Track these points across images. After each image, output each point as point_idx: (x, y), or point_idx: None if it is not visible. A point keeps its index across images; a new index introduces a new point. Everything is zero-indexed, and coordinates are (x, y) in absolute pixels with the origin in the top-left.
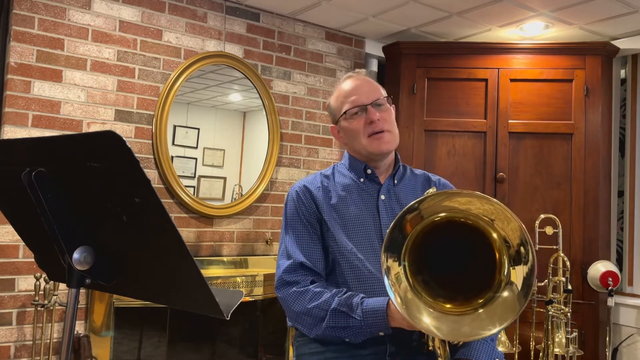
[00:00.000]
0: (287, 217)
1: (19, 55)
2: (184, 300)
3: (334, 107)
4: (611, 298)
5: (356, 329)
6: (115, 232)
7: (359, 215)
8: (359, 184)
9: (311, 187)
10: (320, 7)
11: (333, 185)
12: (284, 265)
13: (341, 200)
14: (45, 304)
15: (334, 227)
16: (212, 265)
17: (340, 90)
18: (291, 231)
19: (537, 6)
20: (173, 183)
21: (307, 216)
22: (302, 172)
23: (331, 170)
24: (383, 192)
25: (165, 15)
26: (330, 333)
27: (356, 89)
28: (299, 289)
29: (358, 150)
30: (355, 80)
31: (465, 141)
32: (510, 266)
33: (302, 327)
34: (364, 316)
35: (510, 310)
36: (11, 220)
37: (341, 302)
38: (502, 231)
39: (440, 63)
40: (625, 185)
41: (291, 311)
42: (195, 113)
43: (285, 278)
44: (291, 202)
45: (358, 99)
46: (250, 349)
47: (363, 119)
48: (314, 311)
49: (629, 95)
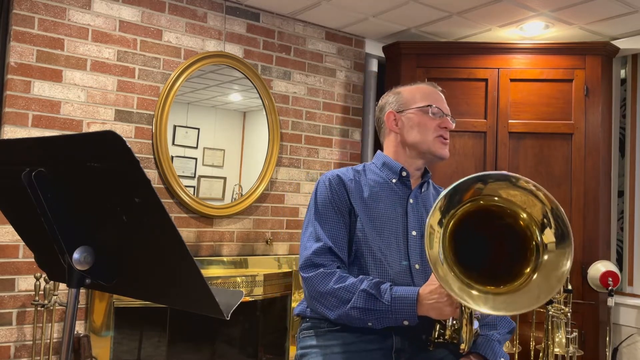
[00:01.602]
0: (318, 203)
1: (19, 55)
2: (184, 300)
3: (406, 96)
4: (611, 298)
5: (382, 313)
6: (115, 232)
7: (388, 213)
8: (390, 184)
9: (344, 177)
10: (320, 7)
11: (365, 180)
12: (312, 247)
13: (372, 195)
14: (45, 304)
15: (364, 219)
16: (212, 265)
17: (420, 87)
18: (321, 217)
19: (537, 6)
20: (173, 183)
21: (338, 204)
22: (302, 172)
23: (362, 167)
24: (412, 197)
25: (165, 15)
26: (354, 314)
27: (440, 97)
28: (327, 271)
29: (414, 143)
30: (436, 90)
31: (465, 141)
32: (540, 234)
33: (323, 308)
34: (392, 301)
35: (562, 264)
36: (11, 220)
37: (370, 284)
38: (532, 214)
39: (440, 63)
40: (625, 185)
41: (316, 291)
42: (195, 113)
43: (314, 259)
44: (323, 188)
45: (442, 105)
46: (250, 349)
47: (438, 121)
48: (340, 292)
49: (629, 95)
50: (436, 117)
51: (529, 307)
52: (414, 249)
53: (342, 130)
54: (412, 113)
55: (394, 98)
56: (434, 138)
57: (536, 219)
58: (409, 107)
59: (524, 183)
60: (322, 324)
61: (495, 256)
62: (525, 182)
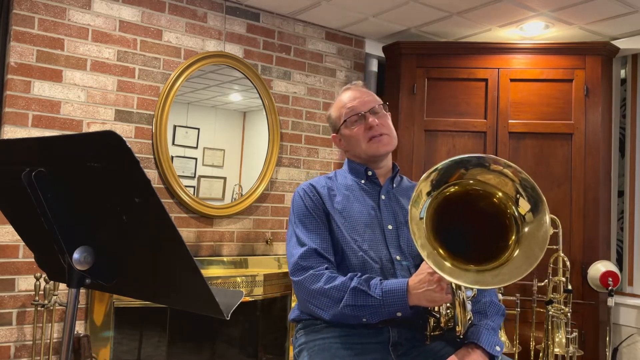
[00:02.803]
0: (296, 213)
1: (19, 55)
2: (184, 300)
3: (334, 117)
4: (611, 298)
5: (374, 308)
6: (115, 232)
7: (362, 212)
8: (360, 185)
9: (317, 185)
10: (320, 7)
11: (337, 185)
12: (298, 252)
13: (345, 198)
14: (45, 304)
15: (339, 220)
16: (212, 265)
17: (339, 102)
18: (301, 224)
19: (537, 6)
20: (173, 183)
21: (315, 210)
22: (302, 172)
23: (333, 174)
24: (383, 193)
25: (165, 15)
26: (348, 312)
27: (353, 99)
28: (316, 272)
29: (359, 154)
30: (352, 91)
31: (465, 141)
32: (516, 208)
33: (317, 308)
34: (383, 295)
35: (542, 228)
36: (11, 220)
37: (360, 281)
38: (506, 192)
39: (440, 63)
40: (625, 185)
41: (308, 292)
42: (195, 113)
43: (301, 263)
44: (298, 199)
45: (356, 107)
46: (250, 349)
47: (362, 125)
48: (332, 292)
49: (629, 95)
50: (359, 123)
51: (518, 277)
52: (392, 242)
53: None
54: (344, 130)
55: (330, 121)
56: (367, 143)
57: (510, 195)
58: (339, 126)
59: (495, 166)
60: (317, 321)
61: (479, 237)
62: (495, 164)
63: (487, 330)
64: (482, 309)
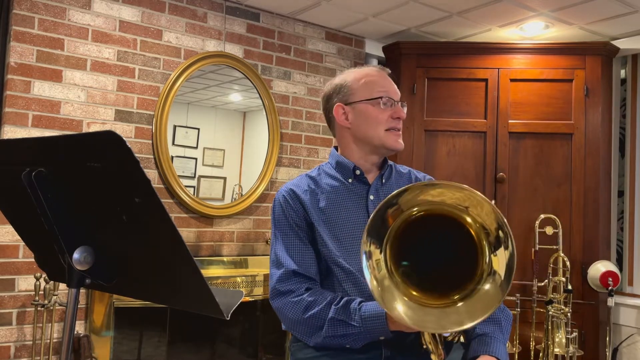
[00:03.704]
0: (275, 223)
1: (19, 55)
2: (184, 300)
3: (349, 84)
4: (611, 298)
5: (355, 335)
6: (115, 232)
7: (348, 219)
8: (347, 184)
9: (298, 190)
10: (320, 7)
11: (320, 187)
12: (276, 274)
13: (330, 204)
14: (45, 304)
15: (324, 231)
16: (212, 265)
17: (366, 74)
18: (280, 237)
19: (537, 6)
20: (173, 183)
21: (296, 221)
22: (302, 172)
23: (317, 171)
24: (372, 193)
25: (165, 15)
26: (330, 342)
27: (387, 82)
28: (294, 299)
29: (367, 138)
30: (383, 74)
31: (465, 141)
32: (491, 253)
33: (300, 335)
34: (362, 322)
35: (492, 301)
36: (11, 220)
37: (338, 310)
38: (479, 217)
39: (440, 63)
40: (625, 185)
41: (288, 320)
42: (195, 113)
43: (279, 288)
44: (278, 206)
45: (390, 92)
46: (250, 349)
47: (390, 112)
48: (311, 321)
49: (629, 95)
50: (387, 107)
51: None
52: None
53: None
54: (363, 105)
55: (340, 88)
56: (385, 132)
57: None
58: (357, 99)
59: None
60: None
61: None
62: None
63: (504, 345)
64: (495, 316)
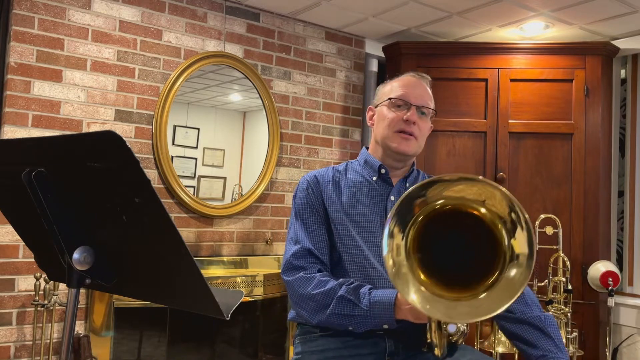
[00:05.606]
0: (297, 206)
1: (19, 55)
2: (184, 300)
3: (383, 90)
4: (611, 298)
5: (361, 318)
6: (115, 232)
7: (366, 214)
8: (370, 182)
9: (321, 179)
10: (320, 7)
11: (345, 181)
12: (291, 250)
13: (351, 197)
14: (45, 304)
15: (341, 222)
16: (212, 265)
17: (398, 80)
18: (300, 219)
19: (537, 6)
20: (173, 183)
21: (316, 207)
22: (302, 172)
23: (344, 166)
24: (393, 194)
25: (165, 15)
26: (334, 320)
27: (412, 86)
28: (307, 275)
29: (378, 138)
30: (415, 79)
31: (465, 141)
32: (511, 239)
33: (304, 312)
34: (370, 306)
35: (518, 284)
36: (11, 220)
37: (349, 290)
38: (494, 208)
39: (440, 63)
40: (625, 185)
41: (296, 295)
42: (195, 113)
43: (293, 262)
44: (301, 191)
45: (408, 95)
46: (250, 349)
47: (402, 114)
48: (319, 297)
49: (629, 95)
50: (400, 109)
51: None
52: None
53: (342, 130)
54: (383, 106)
55: (377, 92)
56: (392, 132)
57: (500, 213)
58: (380, 101)
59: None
60: (314, 330)
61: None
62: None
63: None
64: (539, 325)
